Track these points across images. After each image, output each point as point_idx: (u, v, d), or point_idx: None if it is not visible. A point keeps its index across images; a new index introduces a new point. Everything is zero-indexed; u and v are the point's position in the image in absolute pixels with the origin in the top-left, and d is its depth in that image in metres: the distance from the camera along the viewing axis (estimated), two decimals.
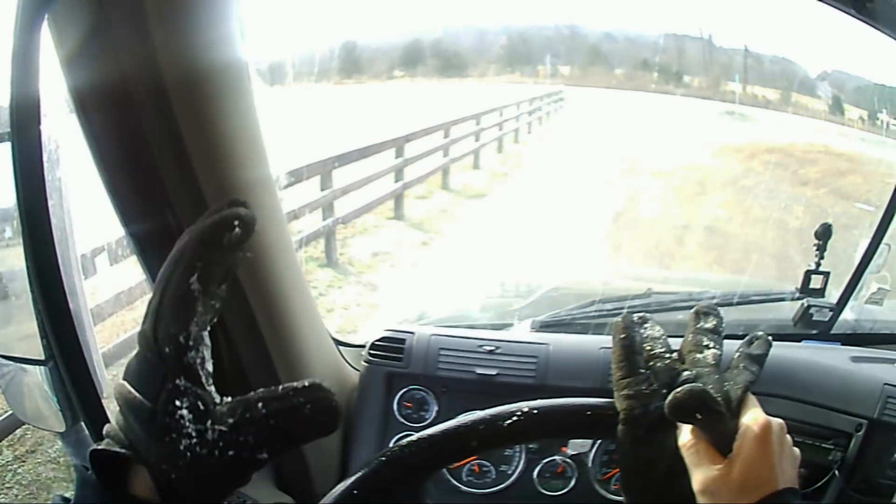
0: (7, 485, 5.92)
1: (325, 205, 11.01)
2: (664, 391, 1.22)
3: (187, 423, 0.89)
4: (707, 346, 1.31)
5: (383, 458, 1.42)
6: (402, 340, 2.52)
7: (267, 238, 1.90)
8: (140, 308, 5.80)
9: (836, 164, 17.51)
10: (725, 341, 1.37)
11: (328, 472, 2.36)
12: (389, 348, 2.51)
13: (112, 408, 0.96)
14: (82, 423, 1.60)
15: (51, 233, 1.46)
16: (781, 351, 2.42)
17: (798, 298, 2.86)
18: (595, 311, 2.74)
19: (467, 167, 17.40)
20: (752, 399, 1.22)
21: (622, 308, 2.76)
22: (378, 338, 2.55)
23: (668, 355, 1.30)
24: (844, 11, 2.11)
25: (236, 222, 0.92)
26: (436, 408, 2.47)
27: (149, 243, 1.75)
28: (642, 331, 1.34)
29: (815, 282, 2.89)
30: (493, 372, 2.43)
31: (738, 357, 1.31)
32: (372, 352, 2.53)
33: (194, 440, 0.89)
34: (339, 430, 2.23)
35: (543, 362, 2.45)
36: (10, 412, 5.63)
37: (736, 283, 5.25)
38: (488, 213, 14.12)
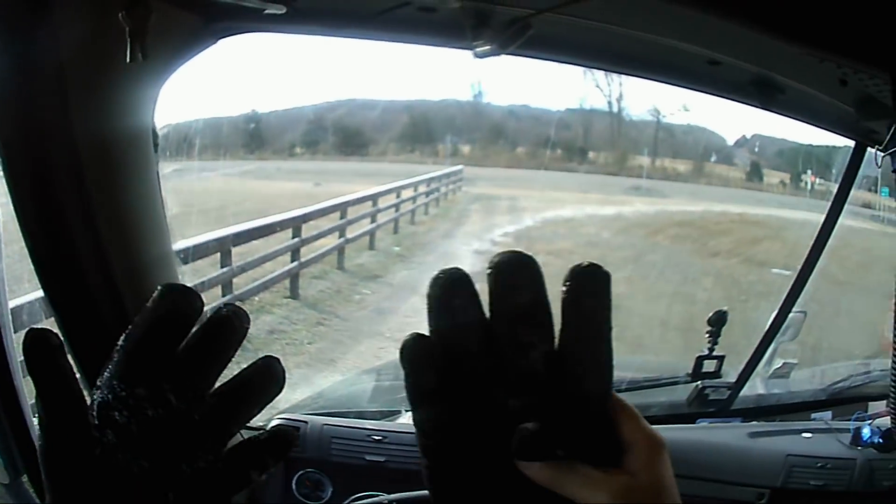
0: None
1: (224, 282, 11.06)
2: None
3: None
4: None
5: None
6: (297, 428, 2.67)
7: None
8: None
9: (751, 232, 18.14)
10: None
11: None
12: None
13: None
14: (24, 477, 1.73)
15: None
16: (675, 433, 2.68)
17: (690, 381, 2.98)
18: None
19: (363, 247, 17.39)
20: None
21: None
22: (274, 425, 2.49)
23: None
24: (756, 107, 2.27)
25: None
26: (331, 489, 2.64)
27: (63, 304, 1.79)
28: None
29: (709, 365, 3.09)
30: (382, 459, 2.64)
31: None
32: None
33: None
34: None
35: None
36: None
37: (634, 365, 5.28)
38: (382, 294, 14.17)
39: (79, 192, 1.64)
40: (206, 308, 0.94)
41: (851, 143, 2.82)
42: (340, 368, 9.86)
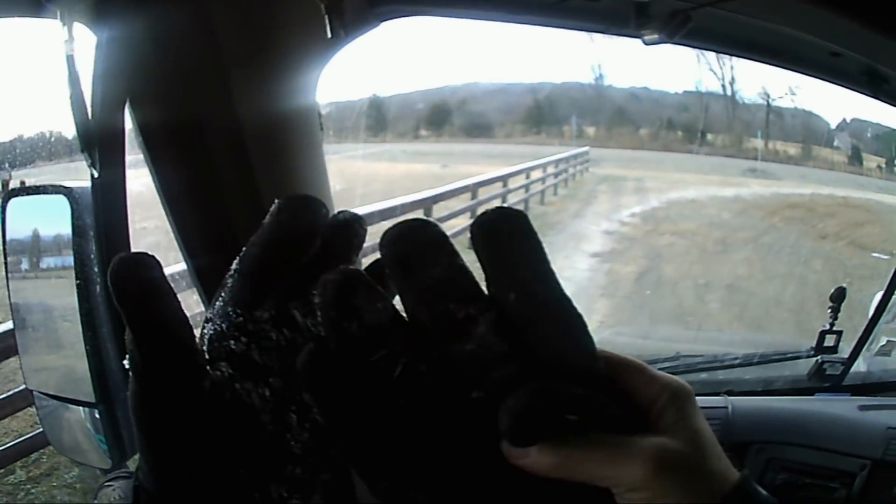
0: (20, 502, 6.06)
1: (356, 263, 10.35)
2: None
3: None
4: None
5: None
6: None
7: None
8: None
9: (853, 216, 17.57)
10: (742, 397, 1.42)
11: None
12: None
13: None
14: (128, 463, 1.62)
15: None
16: (796, 404, 2.68)
17: (812, 356, 2.96)
18: None
19: None
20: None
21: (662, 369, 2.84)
22: None
23: None
24: (865, 95, 2.30)
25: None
26: None
27: (211, 280, 1.65)
28: None
29: (829, 340, 3.03)
30: None
31: None
32: None
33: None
34: None
35: None
36: (27, 436, 5.89)
37: (756, 342, 5.36)
38: None
39: (244, 179, 1.55)
40: None
41: None
42: None
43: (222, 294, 0.74)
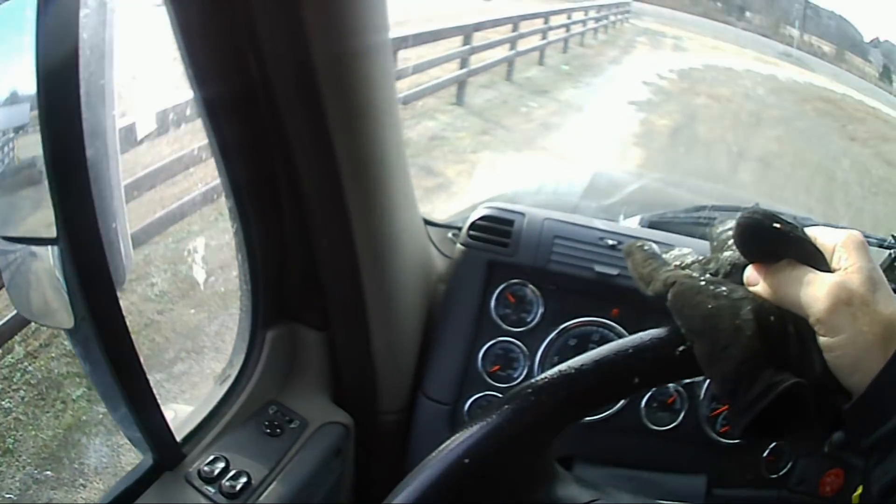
0: (14, 386, 5.10)
1: None
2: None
3: None
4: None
5: (508, 408, 0.90)
6: (510, 222, 1.94)
7: (373, 97, 1.42)
8: (182, 181, 5.59)
9: (882, 129, 17.60)
10: None
11: (400, 384, 1.92)
12: (495, 230, 1.93)
13: None
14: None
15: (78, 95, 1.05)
16: None
17: (889, 247, 2.33)
18: (704, 216, 2.15)
19: (532, 62, 16.92)
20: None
21: (734, 217, 2.59)
22: (481, 216, 1.97)
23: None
24: None
25: None
26: (541, 310, 1.92)
27: (222, 106, 1.39)
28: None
29: None
30: (615, 272, 1.86)
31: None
32: (473, 233, 1.95)
33: None
34: (417, 332, 1.91)
35: None
36: None
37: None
38: (549, 109, 13.58)
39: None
40: None
41: None
42: (503, 178, 8.36)
43: None
